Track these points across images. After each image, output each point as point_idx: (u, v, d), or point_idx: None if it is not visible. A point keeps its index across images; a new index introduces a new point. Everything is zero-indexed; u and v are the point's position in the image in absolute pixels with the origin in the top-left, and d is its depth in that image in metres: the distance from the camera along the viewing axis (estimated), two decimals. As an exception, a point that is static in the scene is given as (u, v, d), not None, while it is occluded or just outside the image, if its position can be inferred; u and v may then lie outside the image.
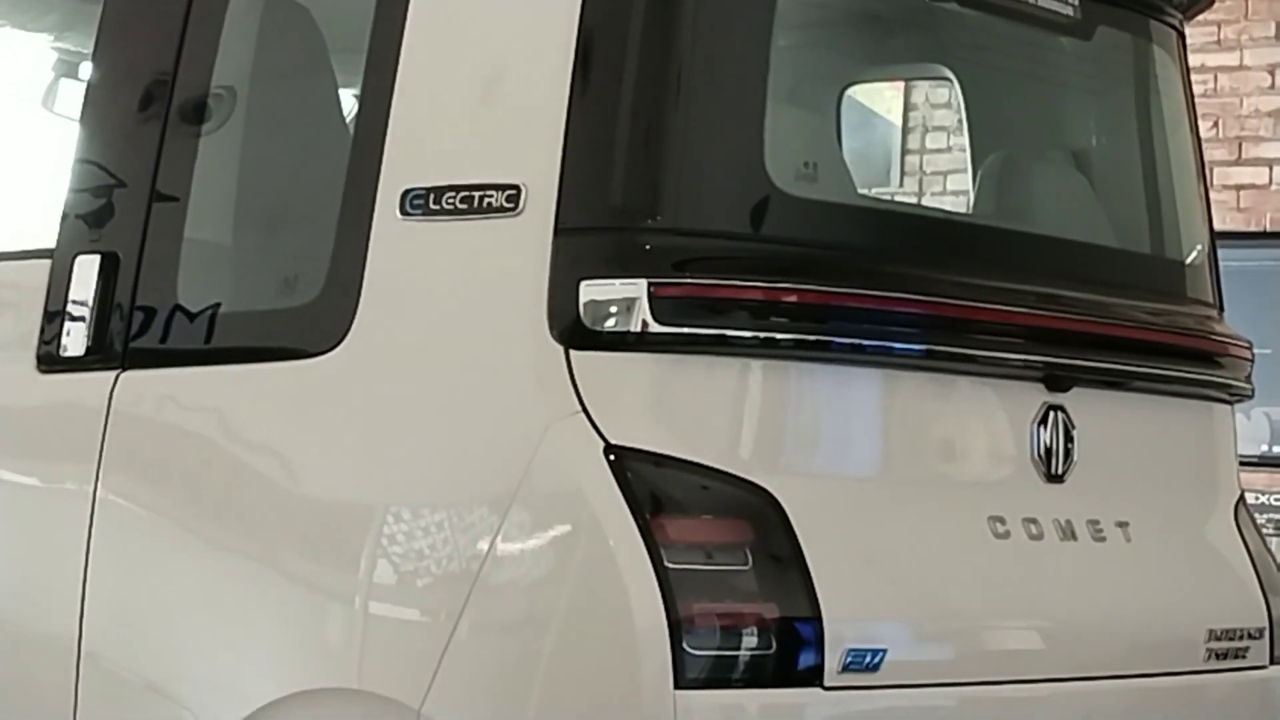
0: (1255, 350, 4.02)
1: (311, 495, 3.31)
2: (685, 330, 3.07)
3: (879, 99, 7.47)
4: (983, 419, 3.45)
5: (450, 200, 3.20)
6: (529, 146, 3.16)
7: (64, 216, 3.63)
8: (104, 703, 3.41)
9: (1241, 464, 4.08)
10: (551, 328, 3.07)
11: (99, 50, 3.76)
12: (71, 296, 3.56)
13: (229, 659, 3.29)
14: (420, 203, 3.23)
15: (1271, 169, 9.49)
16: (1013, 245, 3.81)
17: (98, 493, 3.46)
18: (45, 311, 3.58)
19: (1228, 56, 9.52)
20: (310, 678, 3.19)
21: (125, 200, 3.56)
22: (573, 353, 3.06)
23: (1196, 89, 4.29)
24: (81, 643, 3.43)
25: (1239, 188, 9.45)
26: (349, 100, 3.49)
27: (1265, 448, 9.05)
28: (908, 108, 8.55)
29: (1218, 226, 4.16)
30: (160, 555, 3.42)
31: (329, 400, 3.30)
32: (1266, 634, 3.82)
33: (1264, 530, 4.04)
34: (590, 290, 3.06)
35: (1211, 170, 9.36)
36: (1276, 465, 8.87)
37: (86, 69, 3.83)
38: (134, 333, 3.49)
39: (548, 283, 3.09)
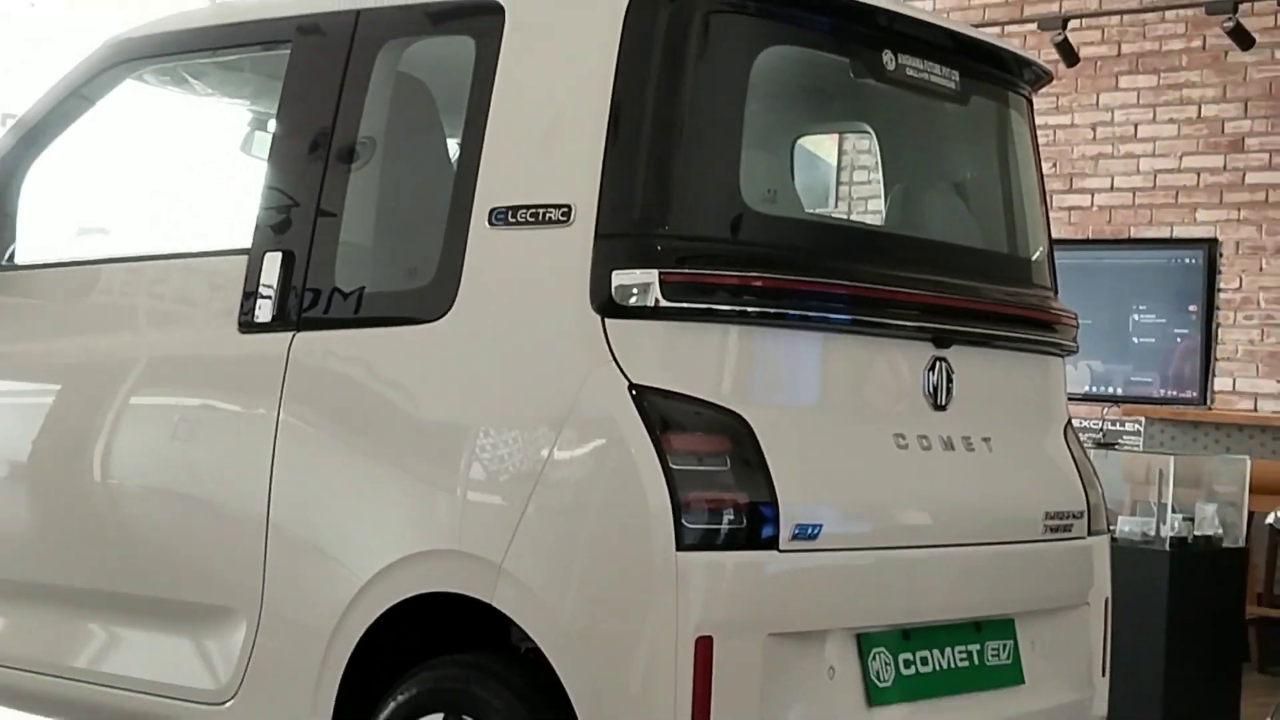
0: (1079, 321, 4.06)
1: (427, 418, 3.35)
2: (684, 305, 3.10)
3: (820, 146, 7.44)
4: (890, 367, 3.47)
5: (523, 215, 3.23)
6: (577, 179, 3.17)
7: (257, 226, 3.65)
8: (284, 559, 3.44)
9: (1069, 399, 4.10)
10: (592, 303, 3.11)
11: (281, 112, 3.79)
12: (262, 281, 3.58)
13: (371, 530, 3.33)
14: (502, 217, 3.25)
15: (1092, 195, 9.46)
16: (912, 247, 3.83)
17: (280, 416, 3.48)
18: (244, 292, 3.60)
19: (1063, 118, 9.48)
20: (426, 542, 3.25)
21: (299, 215, 3.58)
22: (607, 320, 3.10)
23: (1041, 139, 4.31)
24: (269, 518, 3.46)
25: (1070, 209, 9.42)
26: (453, 146, 3.51)
27: (1087, 388, 9.04)
28: (840, 152, 8.52)
29: (1054, 235, 4.17)
30: (323, 460, 3.46)
31: (439, 354, 3.33)
32: (1085, 515, 3.85)
33: (1084, 445, 4.05)
34: (619, 277, 3.09)
35: (1051, 196, 9.34)
36: (1094, 400, 8.86)
37: (272, 124, 3.85)
38: (304, 306, 3.51)
39: (589, 272, 3.12)
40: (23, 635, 3.99)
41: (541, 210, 3.21)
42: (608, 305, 3.10)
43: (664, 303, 3.08)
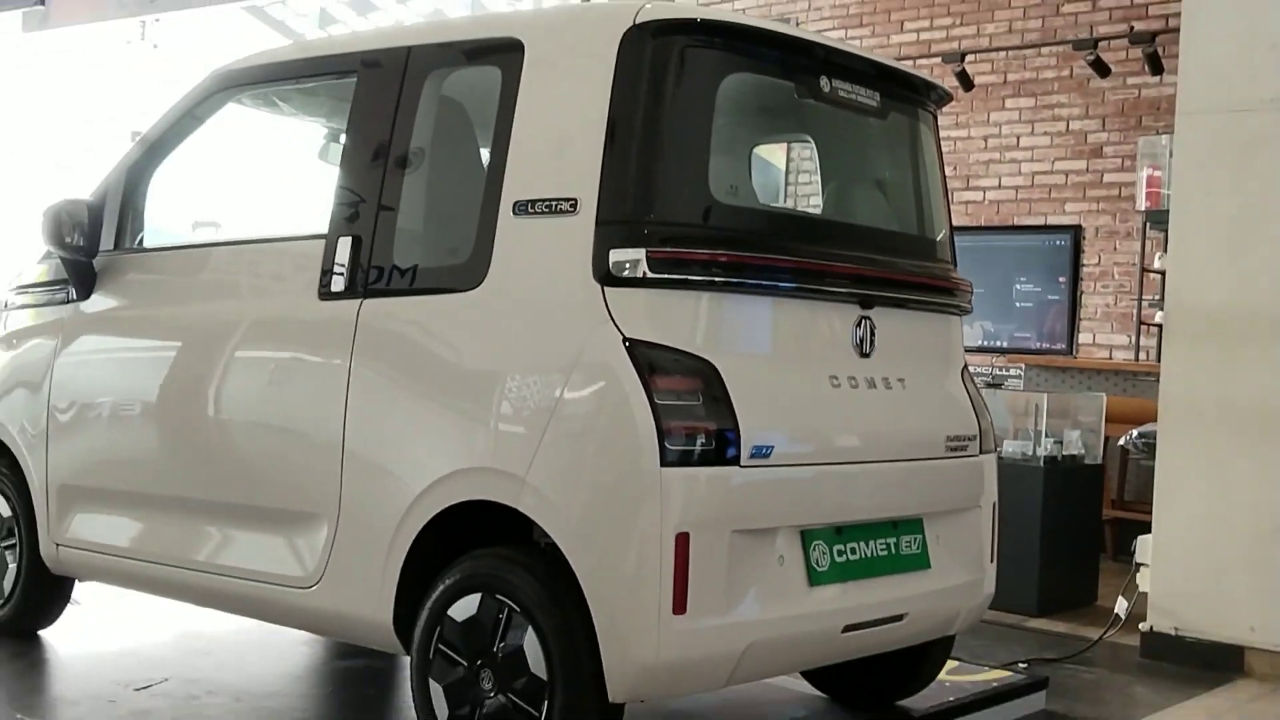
0: (974, 289, 4.05)
1: (466, 366, 3.34)
2: (666, 276, 3.12)
3: (772, 154, 7.38)
4: (826, 323, 3.46)
5: (539, 206, 3.23)
6: (581, 178, 3.17)
7: (331, 217, 3.64)
8: (356, 475, 3.45)
9: (967, 350, 4.10)
10: (594, 275, 3.12)
11: (349, 127, 3.77)
12: (336, 260, 3.57)
13: (424, 453, 3.33)
14: (523, 208, 3.25)
15: (984, 192, 9.44)
16: (843, 231, 3.83)
17: (352, 365, 3.49)
18: (322, 269, 3.59)
19: (961, 131, 9.44)
20: (467, 461, 3.26)
21: (364, 209, 3.57)
22: (605, 288, 3.11)
23: (944, 148, 4.30)
24: (345, 444, 3.47)
25: (967, 203, 9.40)
26: (484, 153, 3.49)
27: (980, 342, 9.07)
28: (788, 159, 8.47)
29: (954, 223, 4.16)
30: (386, 400, 3.45)
31: (475, 316, 3.32)
32: (977, 438, 3.85)
33: (977, 385, 4.05)
34: (615, 255, 3.10)
35: (952, 192, 9.33)
36: (986, 351, 8.89)
37: (343, 138, 3.83)
38: (370, 280, 3.50)
39: (592, 251, 3.13)
40: (157, 537, 4.00)
41: (554, 202, 3.21)
42: (606, 276, 3.12)
43: (650, 274, 3.10)
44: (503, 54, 3.41)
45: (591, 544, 3.02)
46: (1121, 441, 7.51)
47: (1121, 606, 5.86)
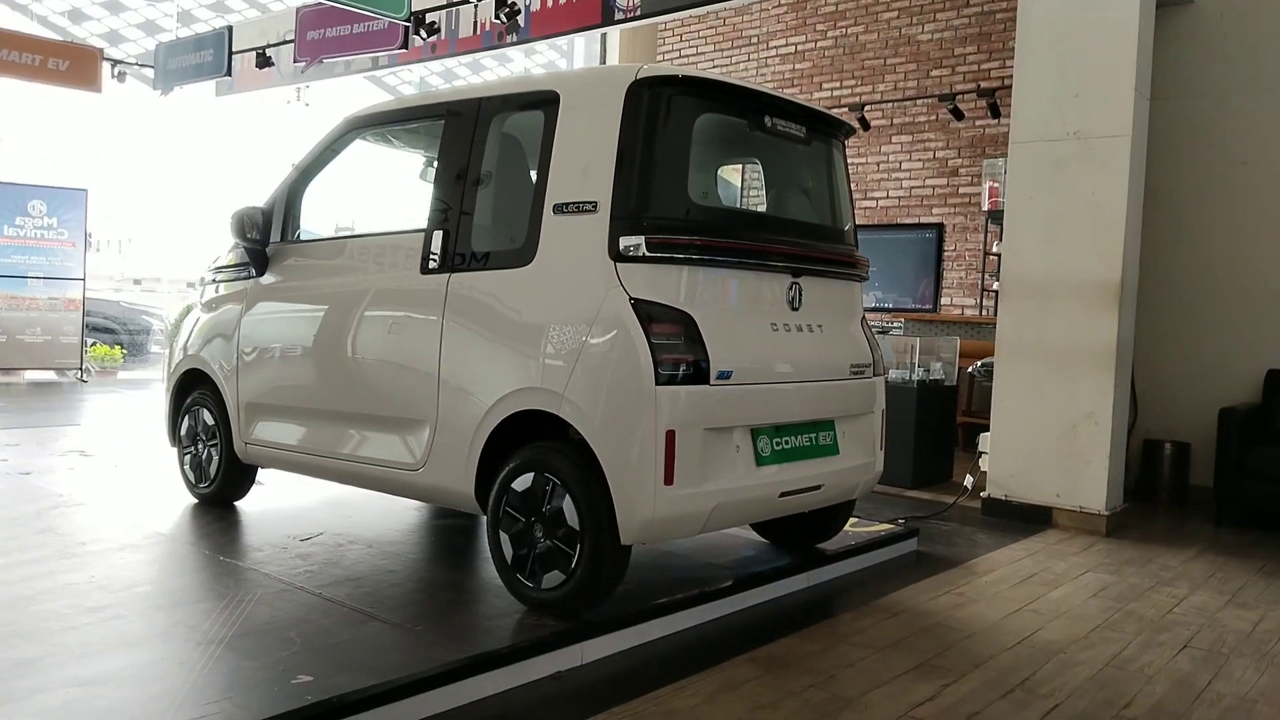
0: (870, 266, 4.01)
1: (523, 320, 3.27)
2: (658, 255, 3.07)
3: (732, 175, 7.27)
4: (768, 287, 3.42)
5: (572, 208, 3.18)
6: (600, 188, 3.12)
7: (429, 217, 3.58)
8: (448, 394, 3.41)
9: (867, 309, 4.06)
10: (609, 254, 3.07)
11: (440, 156, 3.69)
12: (432, 247, 3.52)
13: (494, 379, 3.28)
14: (561, 209, 3.20)
15: (878, 201, 9.33)
16: (781, 224, 3.76)
17: (444, 321, 3.45)
18: (423, 251, 3.55)
19: (862, 159, 9.31)
20: (523, 383, 3.21)
21: (451, 212, 3.51)
22: (617, 264, 3.07)
23: (851, 169, 4.25)
24: (440, 374, 3.44)
25: (866, 208, 9.29)
26: (533, 174, 3.42)
27: (875, 304, 9.00)
28: (743, 178, 8.35)
29: (857, 222, 4.10)
30: (468, 344, 3.39)
31: (529, 286, 3.27)
32: (872, 365, 3.83)
33: (872, 330, 4.01)
34: (624, 241, 3.06)
35: (855, 200, 9.26)
36: (879, 311, 8.83)
37: (435, 163, 3.75)
38: (456, 260, 3.46)
39: (608, 238, 3.08)
40: (313, 438, 3.98)
41: (581, 204, 3.16)
42: (617, 255, 3.07)
43: (647, 254, 3.06)
44: (545, 104, 3.35)
45: (609, 439, 3.00)
46: (970, 370, 7.49)
47: (968, 481, 5.87)
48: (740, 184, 4.17)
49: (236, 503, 4.61)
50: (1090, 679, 3.04)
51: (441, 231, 3.52)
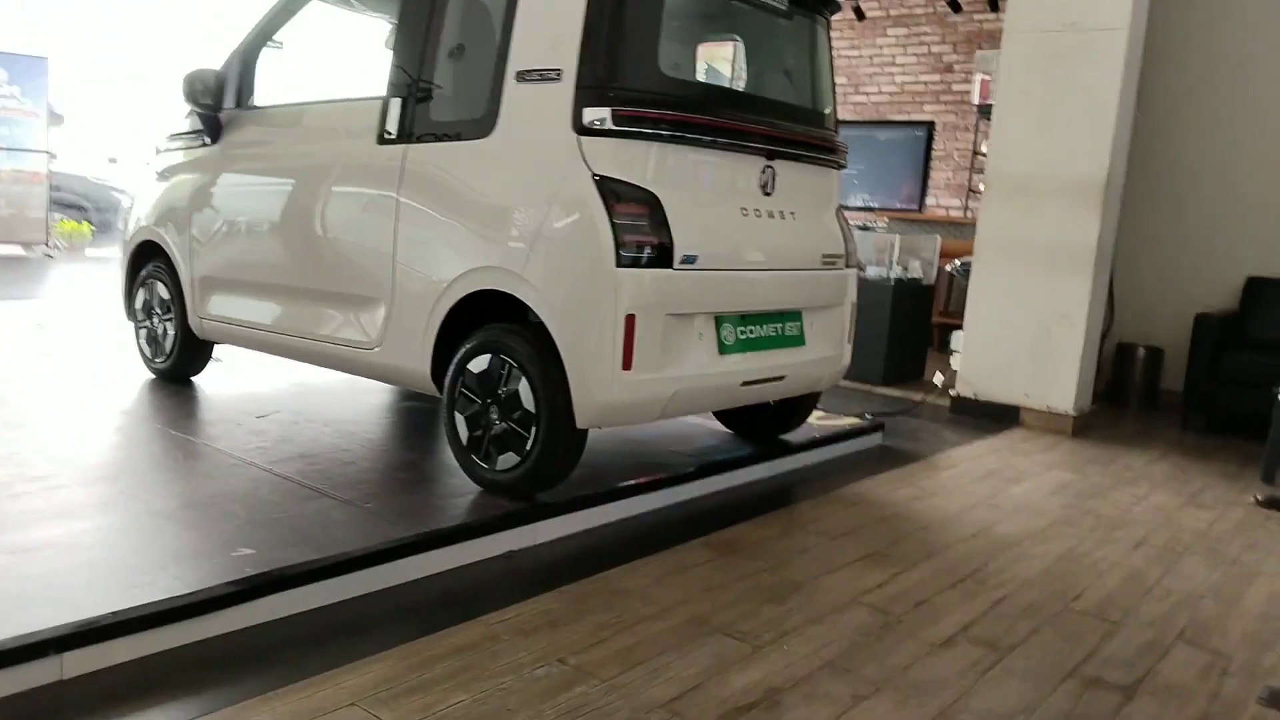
0: (850, 160, 3.87)
1: (481, 196, 3.11)
2: (625, 129, 2.90)
3: (720, 61, 7.00)
4: (741, 169, 3.26)
5: (534, 75, 2.99)
6: (565, 54, 2.93)
7: (388, 84, 3.38)
8: (403, 272, 3.29)
9: (848, 209, 3.92)
10: (573, 128, 2.90)
11: (399, 17, 3.45)
12: (389, 115, 3.34)
13: (451, 257, 3.15)
14: (523, 76, 3.01)
15: (869, 96, 9.01)
16: (757, 103, 3.56)
17: (400, 196, 3.29)
18: (379, 121, 3.37)
19: (854, 51, 8.98)
20: (481, 262, 3.07)
21: (410, 80, 3.32)
22: (580, 138, 2.90)
23: (841, 63, 4.08)
24: (395, 255, 3.30)
25: (856, 104, 9.01)
26: (499, 37, 3.21)
27: (861, 203, 8.83)
28: (733, 64, 8.04)
29: (846, 119, 3.93)
30: (425, 222, 3.24)
31: (488, 159, 3.10)
32: (844, 257, 3.71)
33: (851, 226, 3.88)
34: (588, 113, 2.89)
35: (844, 96, 8.99)
36: (864, 210, 8.66)
37: (395, 28, 3.52)
38: (413, 130, 3.29)
39: (571, 110, 2.91)
40: (270, 314, 3.86)
41: (545, 72, 2.97)
42: (581, 129, 2.89)
43: (613, 128, 2.88)
44: None
45: (567, 322, 2.89)
46: (948, 268, 7.41)
47: (939, 379, 5.85)
48: (731, 72, 3.96)
49: (195, 379, 4.51)
50: (1042, 572, 3.05)
51: (399, 99, 3.32)
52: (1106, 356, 6.11)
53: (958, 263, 7.25)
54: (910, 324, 6.30)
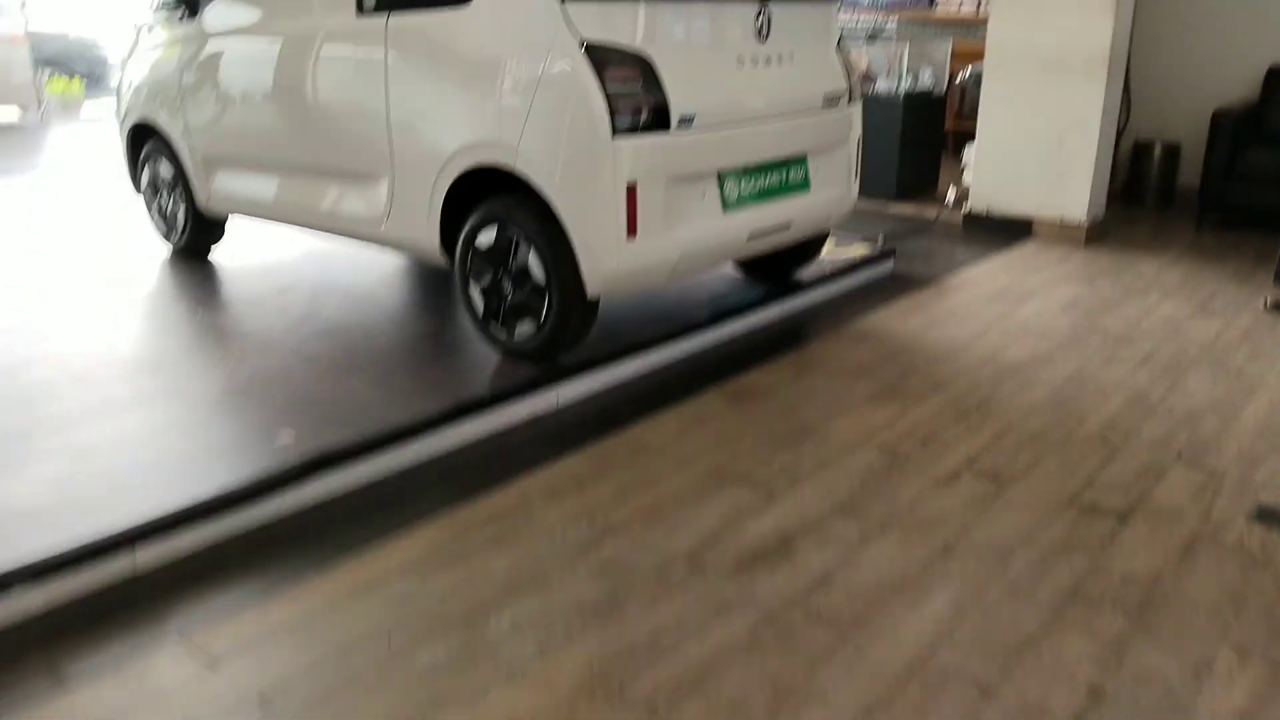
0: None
1: (472, 60, 3.04)
2: None
3: None
4: (735, 17, 3.15)
5: None
6: None
7: None
8: (401, 143, 3.26)
9: (856, 7, 3.77)
10: None
11: None
12: None
13: (444, 133, 3.12)
14: None
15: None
16: None
17: (388, 59, 3.23)
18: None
19: None
20: (480, 133, 3.04)
21: None
22: (565, 3, 2.81)
23: None
24: (389, 118, 3.27)
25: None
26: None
27: (867, 3, 8.39)
28: None
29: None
30: (414, 86, 3.18)
31: (468, 29, 3.02)
32: (847, 93, 3.62)
33: (849, 51, 3.75)
34: None
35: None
36: (870, 9, 8.24)
37: None
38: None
39: None
40: (277, 192, 3.86)
41: None
42: None
43: None
44: None
45: (568, 195, 2.90)
46: (959, 80, 7.18)
47: (950, 196, 5.80)
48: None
49: (211, 253, 4.58)
50: (1047, 398, 3.16)
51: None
52: (1123, 155, 6.00)
53: (968, 73, 7.00)
54: (922, 137, 6.17)
